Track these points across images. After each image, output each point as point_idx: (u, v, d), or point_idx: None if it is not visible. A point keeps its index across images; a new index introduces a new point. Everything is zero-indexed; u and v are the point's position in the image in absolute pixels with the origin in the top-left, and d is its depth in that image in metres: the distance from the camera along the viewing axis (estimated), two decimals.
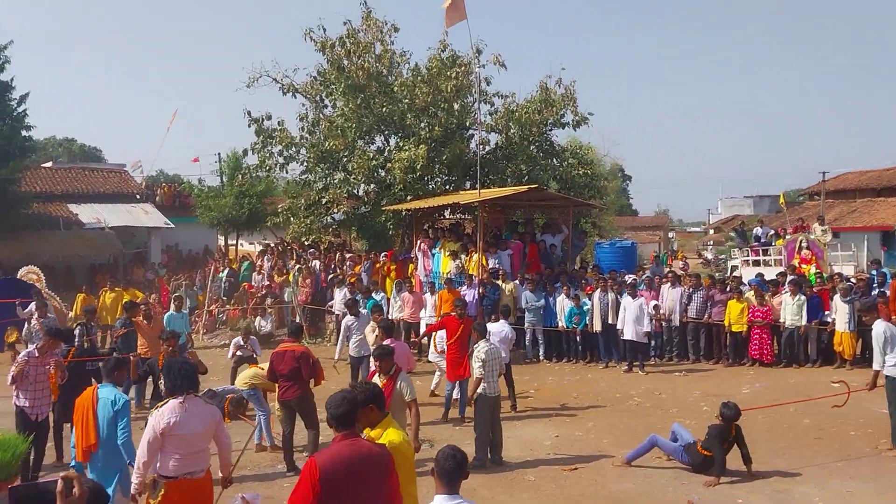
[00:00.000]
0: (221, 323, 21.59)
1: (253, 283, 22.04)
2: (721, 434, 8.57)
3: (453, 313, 12.01)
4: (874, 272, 17.90)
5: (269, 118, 23.60)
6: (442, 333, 13.11)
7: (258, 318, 19.33)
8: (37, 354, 8.62)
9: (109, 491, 6.35)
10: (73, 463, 6.78)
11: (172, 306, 14.83)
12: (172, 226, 31.11)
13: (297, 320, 19.24)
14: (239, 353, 12.87)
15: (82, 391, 6.97)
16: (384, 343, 8.51)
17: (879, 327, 9.55)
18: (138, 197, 33.10)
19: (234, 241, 33.08)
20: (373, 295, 17.36)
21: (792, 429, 10.68)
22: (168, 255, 31.89)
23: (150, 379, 11.97)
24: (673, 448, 8.95)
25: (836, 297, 15.14)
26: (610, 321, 15.76)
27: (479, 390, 9.22)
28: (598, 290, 16.14)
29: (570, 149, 25.81)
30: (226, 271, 23.06)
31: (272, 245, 26.02)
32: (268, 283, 21.53)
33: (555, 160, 24.06)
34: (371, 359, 9.04)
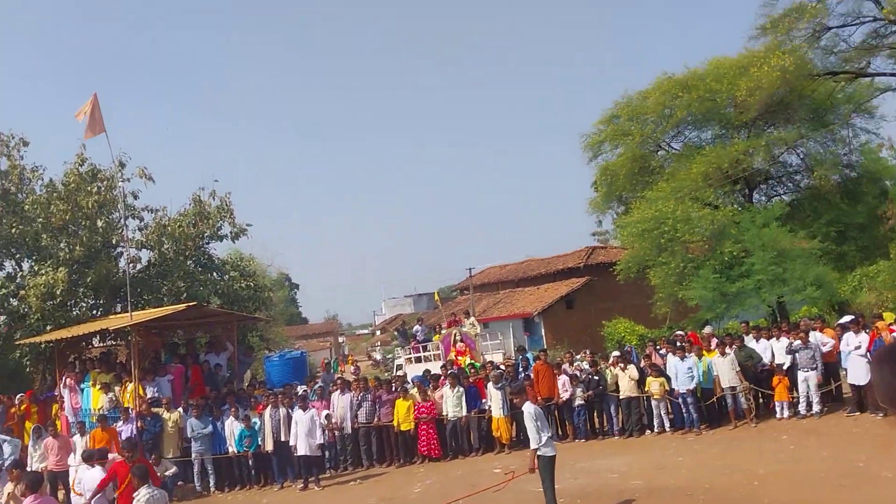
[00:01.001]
0: None
1: None
2: None
3: (122, 458, 10.60)
4: (519, 358, 19.74)
5: None
6: (90, 479, 11.67)
7: None
8: None
9: None
10: None
11: None
12: None
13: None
14: None
15: None
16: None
17: (530, 408, 10.39)
18: None
19: None
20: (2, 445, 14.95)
21: None
22: None
23: None
24: None
25: (490, 385, 16.34)
26: (283, 438, 15.26)
27: None
28: (269, 406, 15.61)
29: (230, 261, 25.27)
30: None
31: None
32: None
33: (215, 274, 23.32)
34: None
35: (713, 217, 23.29)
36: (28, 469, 14.29)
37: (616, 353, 18.67)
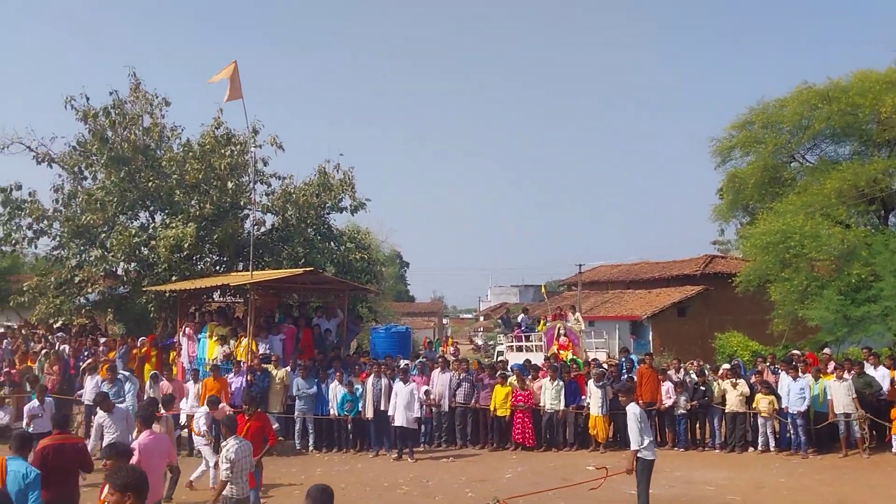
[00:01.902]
0: None
1: None
2: None
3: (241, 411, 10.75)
4: (623, 359, 19.38)
5: (19, 188, 21.60)
6: (203, 416, 12.35)
7: None
8: None
9: None
10: None
11: None
12: None
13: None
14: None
15: None
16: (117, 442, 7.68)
17: (635, 409, 10.19)
18: None
19: None
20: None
21: None
22: None
23: None
24: None
25: (591, 383, 16.15)
26: (382, 408, 15.62)
27: (225, 493, 8.34)
28: (372, 375, 16.00)
29: (347, 233, 25.94)
30: None
31: (15, 327, 23.34)
32: (7, 369, 19.14)
33: (332, 244, 24.02)
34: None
35: (844, 236, 22.08)
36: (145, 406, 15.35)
37: (726, 365, 18.08)
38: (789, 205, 23.53)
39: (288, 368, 16.60)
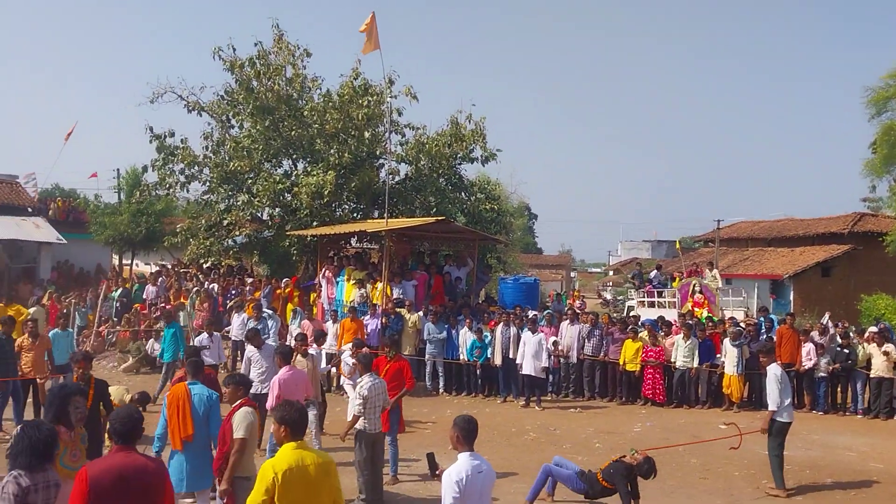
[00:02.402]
0: (111, 344, 20.57)
1: (147, 299, 21.21)
2: (628, 473, 8.62)
3: (383, 353, 11.10)
4: (762, 318, 18.68)
5: (172, 135, 23.03)
6: (348, 357, 12.83)
7: (151, 340, 18.55)
8: None
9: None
10: (155, 451, 7.34)
11: (59, 324, 14.12)
12: (65, 241, 29.59)
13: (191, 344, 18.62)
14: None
15: None
16: (239, 373, 8.23)
17: (776, 370, 9.91)
18: (30, 210, 31.41)
19: (129, 261, 31.81)
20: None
21: (680, 468, 10.89)
22: (58, 271, 30.29)
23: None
24: (567, 475, 8.84)
25: (727, 341, 15.69)
26: (510, 356, 15.84)
27: (358, 426, 8.75)
28: (501, 324, 16.21)
29: (478, 183, 26.10)
30: (119, 291, 22.07)
31: (169, 266, 25.12)
32: (162, 304, 20.71)
33: (463, 194, 24.27)
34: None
35: None
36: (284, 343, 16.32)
37: (873, 328, 17.12)
38: None
39: (420, 313, 17.09)
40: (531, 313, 17.50)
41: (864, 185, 32.29)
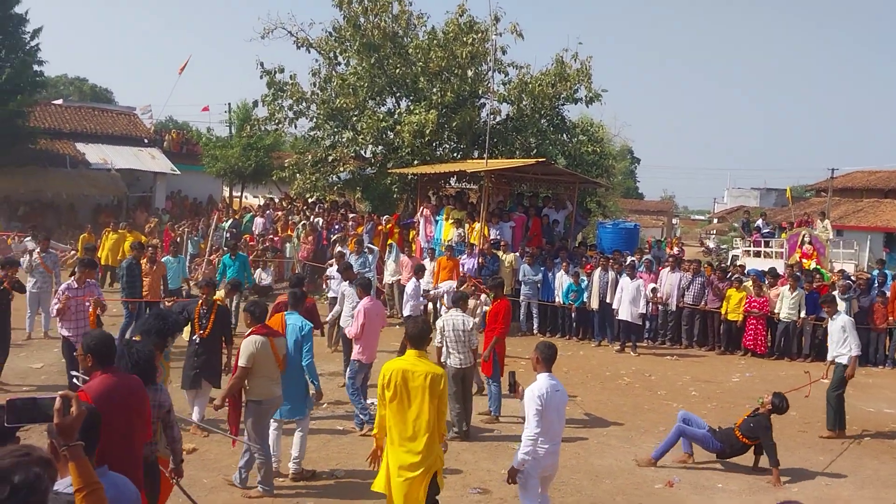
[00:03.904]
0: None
1: (255, 231, 22.11)
2: (770, 425, 8.44)
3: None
4: (876, 271, 17.88)
5: (282, 71, 23.52)
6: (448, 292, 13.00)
7: (259, 270, 19.39)
8: (75, 286, 9.63)
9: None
10: None
11: (171, 252, 14.93)
12: (178, 172, 31.00)
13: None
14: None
15: None
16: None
17: (845, 318, 10.21)
18: (146, 141, 32.94)
19: (239, 193, 33.04)
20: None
21: (779, 421, 10.70)
22: (172, 201, 31.83)
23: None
24: (702, 435, 8.54)
25: (836, 294, 15.11)
26: (607, 300, 15.79)
27: (448, 362, 8.99)
28: (599, 268, 16.13)
29: (580, 125, 25.67)
30: (229, 222, 23.07)
31: (276, 200, 25.98)
32: (271, 235, 21.55)
33: (565, 136, 23.96)
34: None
35: None
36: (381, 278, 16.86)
37: None
38: None
39: (517, 254, 17.17)
40: (629, 259, 17.33)
41: None
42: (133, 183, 30.64)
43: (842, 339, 9.94)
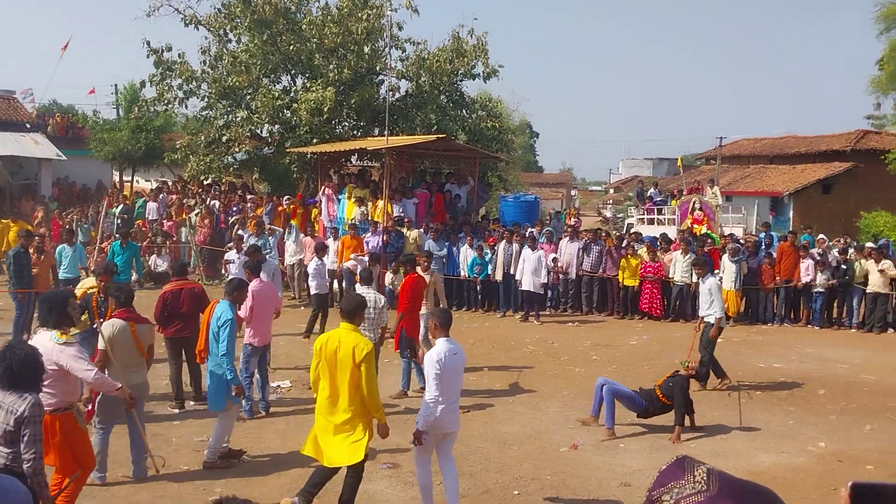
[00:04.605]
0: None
1: (148, 216, 21.32)
2: (688, 386, 8.79)
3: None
4: (763, 234, 18.82)
5: (170, 49, 22.60)
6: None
7: (153, 256, 18.74)
8: None
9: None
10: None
11: (65, 240, 14.24)
12: (64, 158, 29.43)
13: (194, 261, 18.85)
14: None
15: None
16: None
17: (711, 283, 10.55)
18: (28, 126, 31.06)
19: (130, 177, 31.77)
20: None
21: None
22: (59, 188, 30.25)
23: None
24: (629, 393, 8.76)
25: (725, 257, 15.85)
26: (511, 272, 16.03)
27: None
28: (504, 241, 16.36)
29: (479, 101, 25.78)
30: (120, 207, 22.15)
31: (169, 183, 25.10)
32: (164, 220, 20.83)
33: (464, 111, 24.03)
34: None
35: None
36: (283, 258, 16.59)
37: (871, 244, 17.27)
38: None
39: (421, 230, 17.20)
40: (530, 231, 17.63)
41: (869, 102, 32.15)
42: (16, 171, 28.98)
43: (709, 301, 10.40)
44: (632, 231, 21.14)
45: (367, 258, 13.71)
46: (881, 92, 28.62)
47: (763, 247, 17.16)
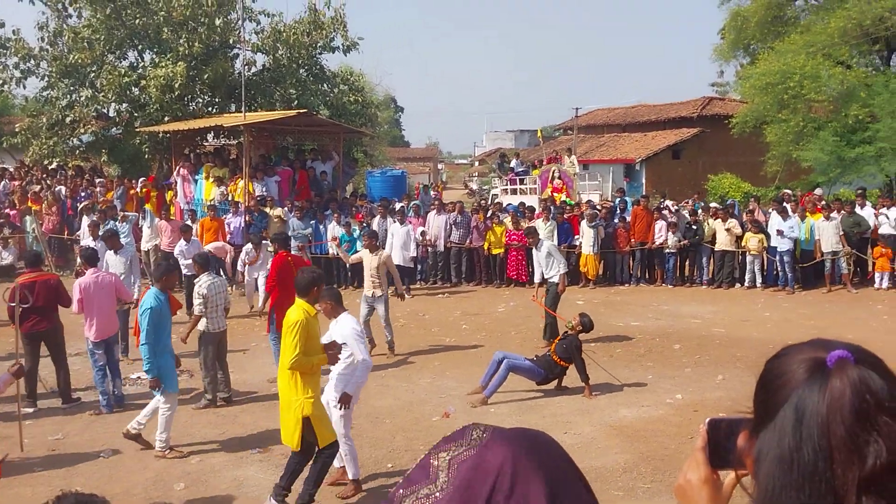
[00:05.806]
0: None
1: None
2: (580, 344, 9.01)
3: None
4: (618, 200, 19.63)
5: (2, 26, 20.93)
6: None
7: None
8: None
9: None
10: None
11: None
12: None
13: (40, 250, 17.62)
14: None
15: None
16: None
17: (547, 246, 11.48)
18: None
19: None
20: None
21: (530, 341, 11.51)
22: None
23: None
24: (528, 366, 8.86)
25: (583, 223, 16.45)
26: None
27: (200, 327, 8.79)
28: (377, 216, 16.27)
29: (341, 75, 25.43)
30: None
31: (10, 169, 23.33)
32: (7, 210, 19.35)
33: (325, 85, 23.64)
34: None
35: (843, 77, 21.74)
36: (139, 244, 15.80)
37: (715, 204, 18.38)
38: (791, 44, 23.00)
39: (285, 209, 16.81)
40: (398, 205, 17.63)
41: (714, 70, 34.00)
42: None
43: (549, 264, 11.16)
44: (496, 201, 21.54)
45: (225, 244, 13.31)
46: (724, 59, 30.40)
47: (618, 212, 17.91)
